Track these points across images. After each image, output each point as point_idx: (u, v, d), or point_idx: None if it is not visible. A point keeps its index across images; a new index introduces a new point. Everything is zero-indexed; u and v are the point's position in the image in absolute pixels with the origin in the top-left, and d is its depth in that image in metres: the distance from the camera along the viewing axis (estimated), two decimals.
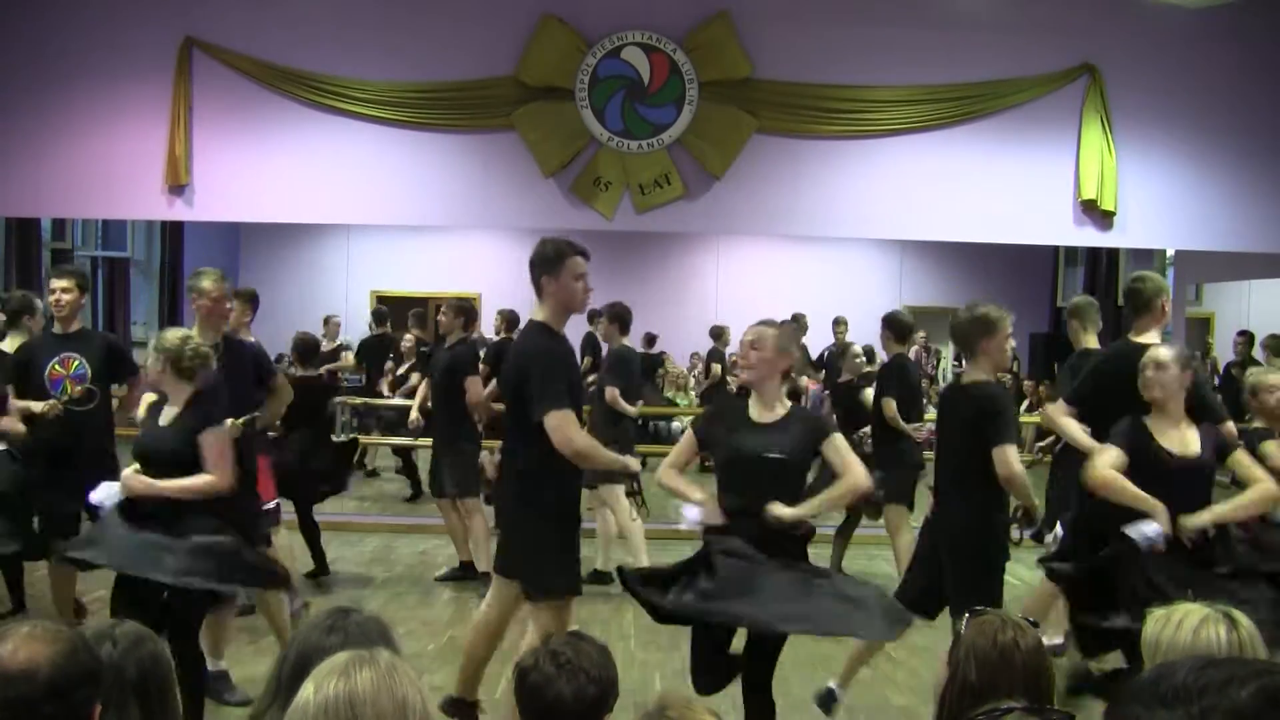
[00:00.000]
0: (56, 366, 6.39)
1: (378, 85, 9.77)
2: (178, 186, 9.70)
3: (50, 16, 9.69)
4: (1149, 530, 4.69)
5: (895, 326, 8.47)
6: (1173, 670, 1.32)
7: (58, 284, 6.59)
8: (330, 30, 9.79)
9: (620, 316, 8.82)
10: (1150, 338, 5.72)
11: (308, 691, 1.76)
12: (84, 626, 2.55)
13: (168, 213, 10.24)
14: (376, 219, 12.01)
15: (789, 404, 4.74)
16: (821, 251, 18.84)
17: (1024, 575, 8.98)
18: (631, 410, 8.65)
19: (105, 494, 5.14)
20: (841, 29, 9.88)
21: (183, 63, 9.67)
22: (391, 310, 15.61)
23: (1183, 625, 2.60)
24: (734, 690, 6.17)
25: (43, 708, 1.93)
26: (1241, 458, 4.86)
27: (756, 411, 4.69)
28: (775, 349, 4.68)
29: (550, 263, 4.91)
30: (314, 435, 8.17)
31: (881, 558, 8.70)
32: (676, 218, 10.12)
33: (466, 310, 8.66)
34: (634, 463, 5.41)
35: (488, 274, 19.21)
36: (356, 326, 17.70)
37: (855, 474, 4.63)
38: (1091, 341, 7.02)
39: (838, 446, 4.67)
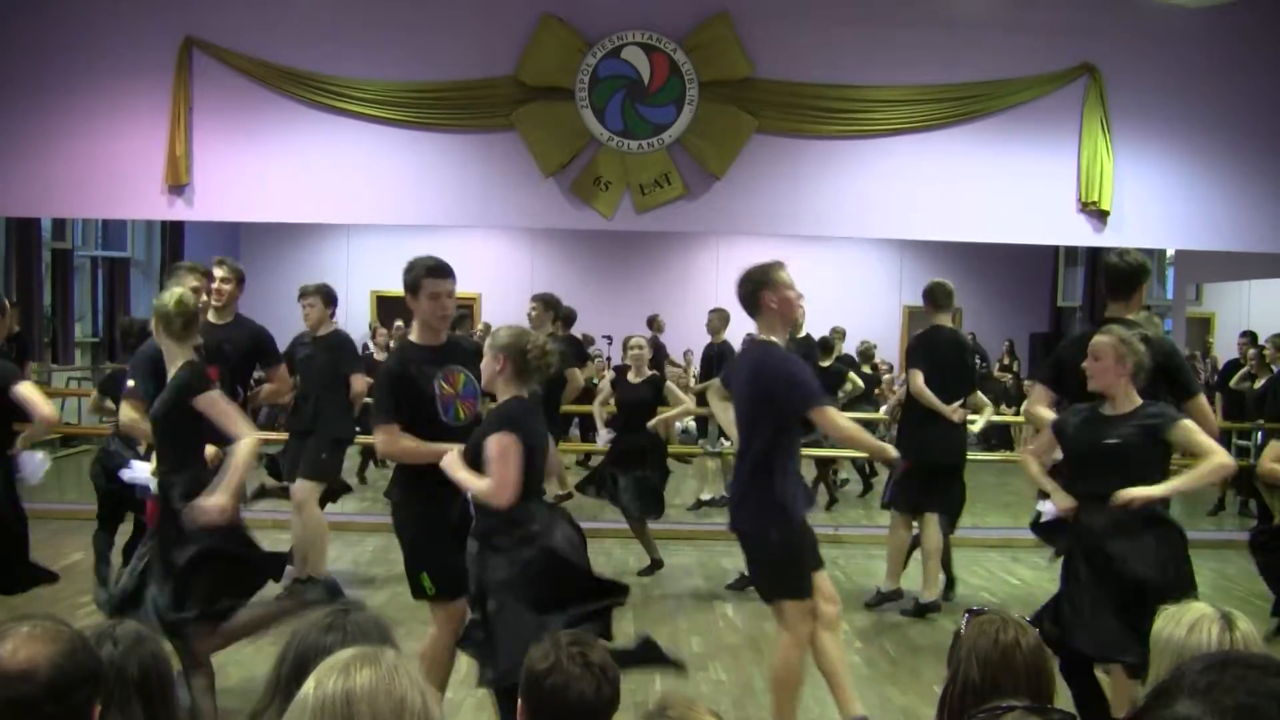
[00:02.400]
0: (444, 385, 5.05)
1: (378, 85, 9.77)
2: (178, 186, 9.71)
3: (50, 16, 9.70)
4: (1044, 507, 5.05)
5: (930, 296, 7.95)
6: (1189, 666, 1.33)
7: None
8: (330, 30, 9.80)
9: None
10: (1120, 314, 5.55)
11: (308, 688, 1.76)
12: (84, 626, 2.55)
13: (168, 213, 10.25)
14: (376, 219, 12.02)
15: (1138, 400, 4.84)
16: (821, 251, 18.82)
17: (1024, 575, 8.99)
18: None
19: (138, 474, 5.32)
20: (841, 29, 9.88)
21: (183, 63, 9.68)
22: (393, 310, 15.62)
23: (1181, 623, 2.61)
24: (734, 690, 6.18)
25: (43, 707, 1.93)
26: (1186, 431, 4.81)
27: (1108, 407, 4.84)
28: (1114, 358, 4.78)
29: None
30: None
31: (882, 557, 8.69)
32: (676, 217, 10.12)
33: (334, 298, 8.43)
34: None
35: (488, 274, 19.21)
36: (357, 326, 17.69)
37: (1217, 456, 4.81)
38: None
39: (1187, 430, 4.78)
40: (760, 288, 5.05)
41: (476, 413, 5.09)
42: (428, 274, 5.08)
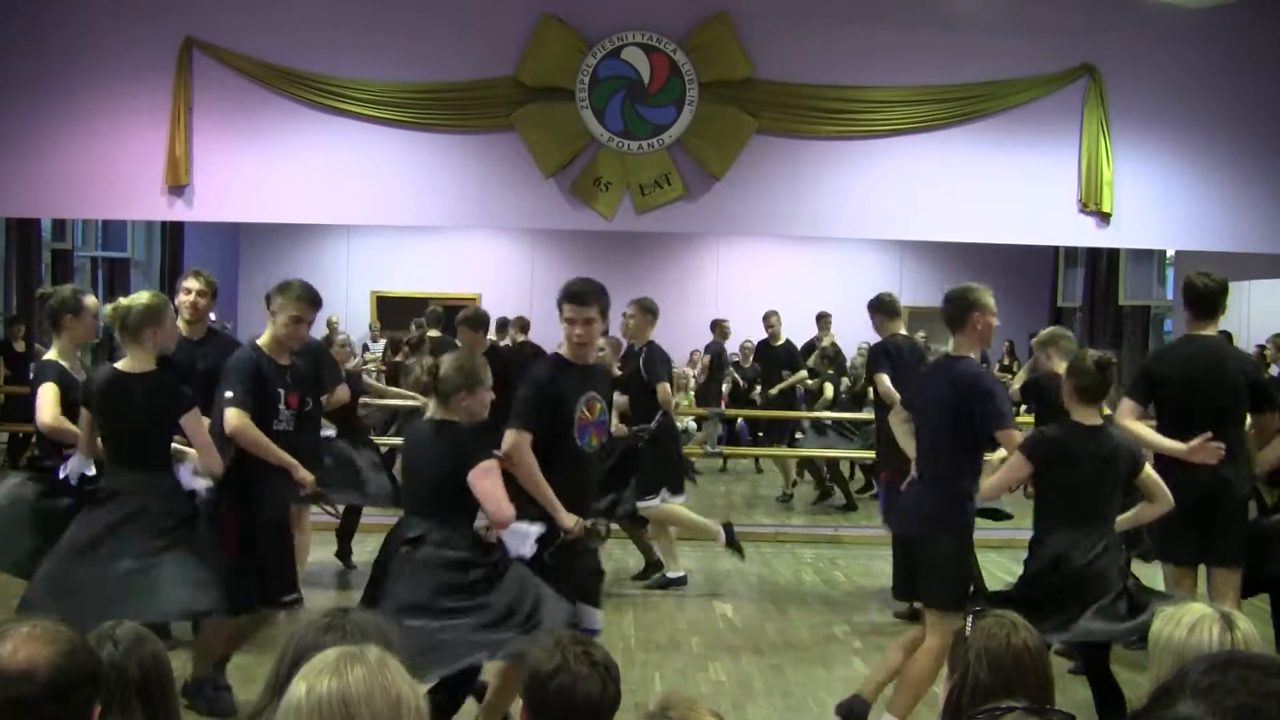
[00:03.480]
0: (585, 410, 4.99)
1: (378, 86, 9.77)
2: (177, 187, 9.70)
3: (50, 17, 9.69)
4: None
5: (884, 307, 8.32)
6: (1192, 667, 1.33)
7: (193, 284, 6.69)
8: (330, 31, 9.80)
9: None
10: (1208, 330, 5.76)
11: (299, 691, 1.74)
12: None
13: (168, 213, 10.25)
14: (376, 219, 12.03)
15: None
16: (821, 252, 18.85)
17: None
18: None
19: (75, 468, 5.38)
20: (841, 29, 9.88)
21: (183, 63, 9.67)
22: (393, 311, 15.62)
23: (1181, 623, 2.61)
24: (734, 691, 6.18)
25: (42, 708, 1.93)
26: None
27: None
28: None
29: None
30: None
31: (881, 557, 8.69)
32: (676, 218, 10.12)
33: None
34: None
35: (488, 274, 19.24)
36: (357, 327, 17.72)
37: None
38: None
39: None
40: (971, 308, 5.24)
41: (602, 443, 5.17)
42: (567, 299, 5.04)
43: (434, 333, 10.67)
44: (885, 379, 7.93)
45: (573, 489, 4.88)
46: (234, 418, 5.18)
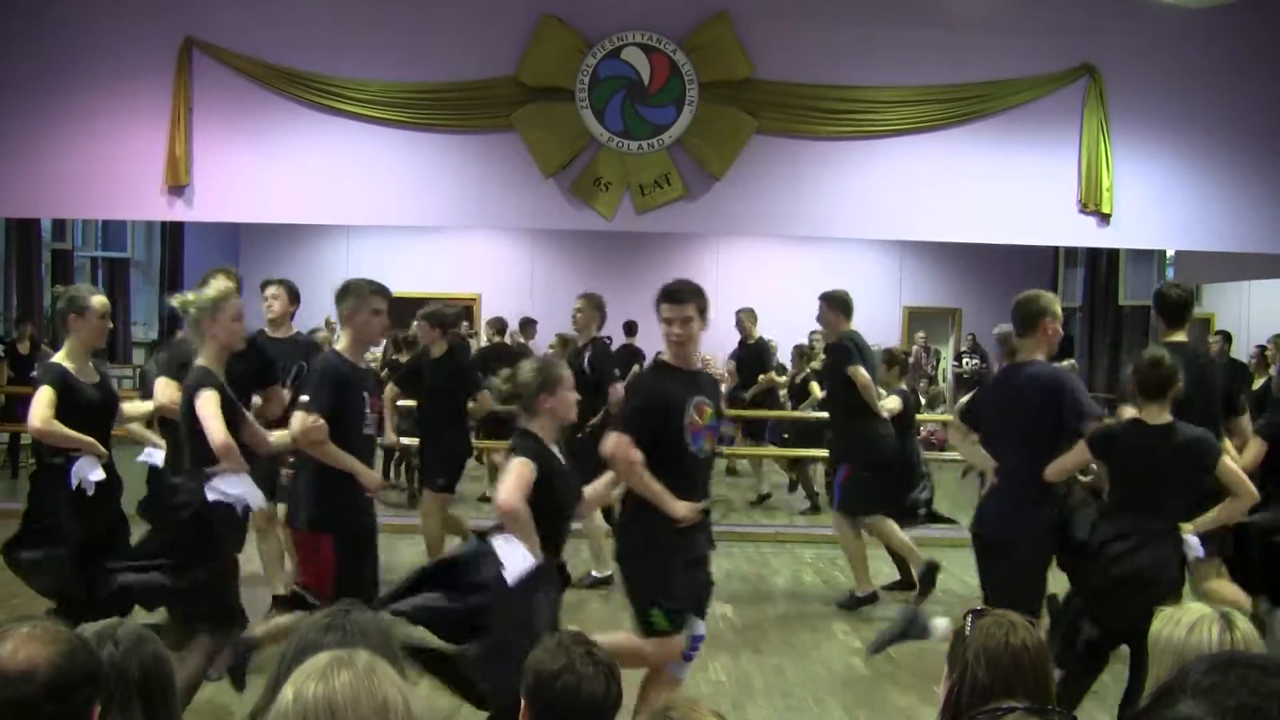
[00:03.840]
0: (695, 415, 4.93)
1: (378, 86, 9.77)
2: (177, 187, 9.70)
3: (50, 17, 9.69)
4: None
5: (842, 305, 8.24)
6: (1192, 667, 1.33)
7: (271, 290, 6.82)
8: (330, 31, 9.80)
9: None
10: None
11: (287, 696, 1.75)
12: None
13: (167, 213, 10.25)
14: (376, 220, 12.03)
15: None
16: (821, 252, 18.84)
17: None
18: None
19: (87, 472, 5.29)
20: (841, 29, 9.88)
21: (183, 63, 9.67)
22: (393, 310, 15.56)
23: (1180, 624, 2.61)
24: (734, 691, 6.18)
25: (42, 708, 1.93)
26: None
27: None
28: None
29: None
30: None
31: (879, 557, 8.69)
32: (676, 218, 10.12)
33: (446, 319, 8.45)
34: None
35: (488, 275, 19.23)
36: None
37: None
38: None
39: None
40: (1043, 314, 5.40)
41: (715, 448, 5.15)
42: (664, 298, 5.02)
43: (500, 339, 10.81)
44: (864, 372, 7.92)
45: (685, 494, 4.84)
46: (300, 418, 5.10)
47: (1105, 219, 9.90)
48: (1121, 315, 17.92)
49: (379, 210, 10.34)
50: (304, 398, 5.14)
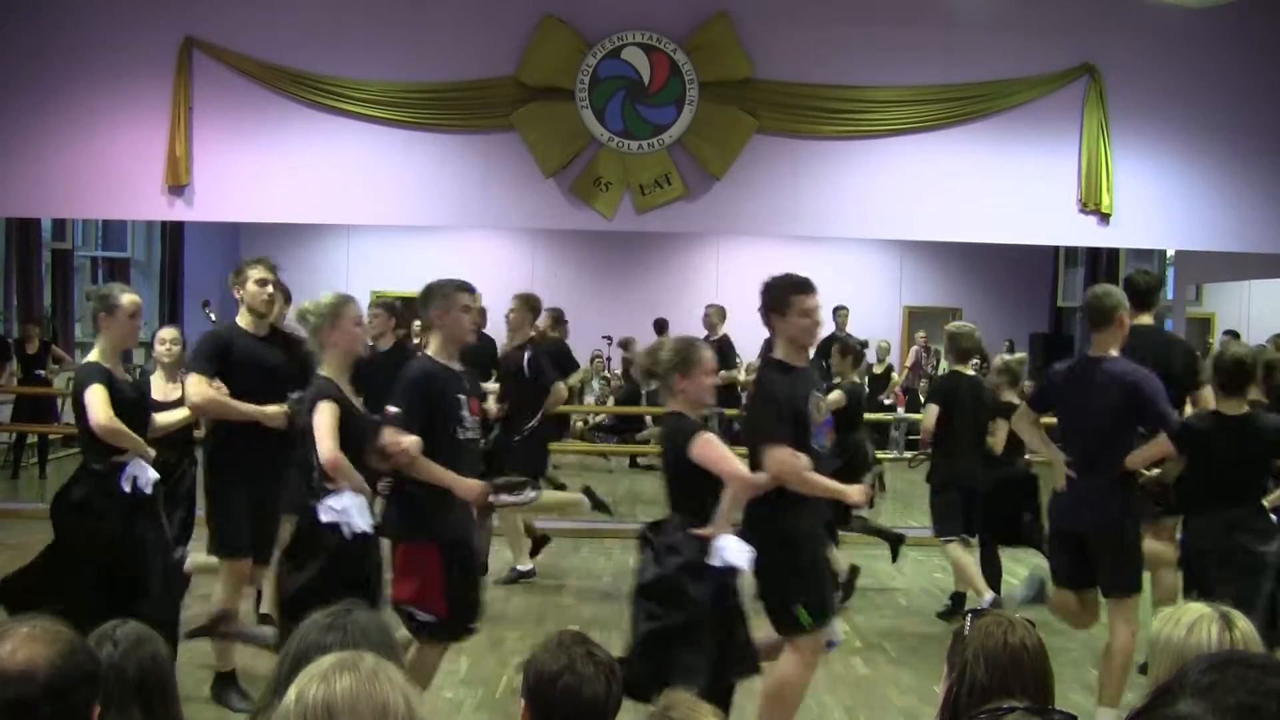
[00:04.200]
0: (815, 411, 4.96)
1: (378, 85, 9.77)
2: (178, 187, 9.70)
3: (50, 16, 9.69)
4: None
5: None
6: (1191, 666, 1.33)
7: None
8: (331, 30, 9.80)
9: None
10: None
11: (290, 696, 1.76)
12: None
13: (168, 213, 10.25)
14: (377, 219, 12.03)
15: None
16: (822, 252, 18.80)
17: (1024, 575, 8.98)
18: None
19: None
20: (841, 29, 9.88)
21: (183, 63, 9.67)
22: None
23: (1180, 623, 2.61)
24: (736, 690, 6.17)
25: (41, 708, 1.93)
26: None
27: None
28: None
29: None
30: None
31: (882, 558, 8.69)
32: (677, 218, 10.12)
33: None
34: None
35: (488, 275, 19.15)
36: None
37: None
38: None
39: None
40: (1119, 307, 5.51)
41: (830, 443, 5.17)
42: (796, 290, 5.05)
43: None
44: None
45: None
46: (391, 434, 4.85)
47: (1105, 219, 9.90)
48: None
49: (379, 210, 10.34)
50: (394, 410, 4.86)
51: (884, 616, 7.89)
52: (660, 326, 14.35)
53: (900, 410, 15.18)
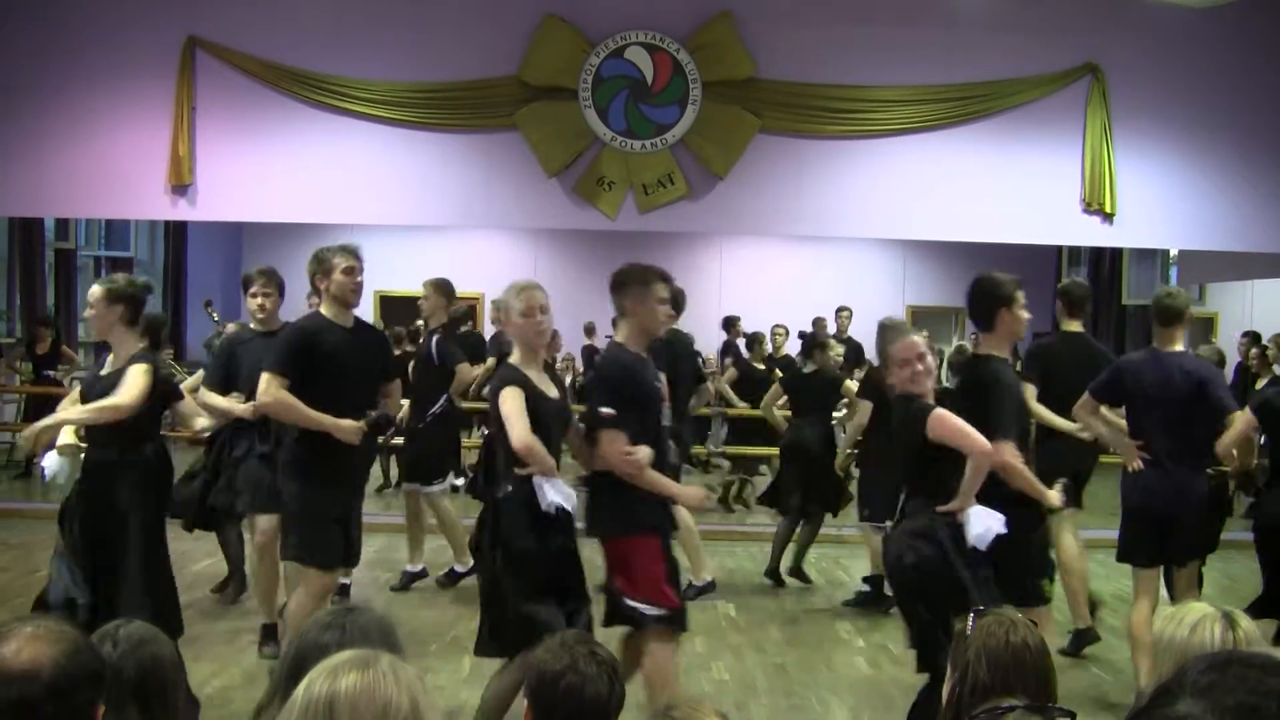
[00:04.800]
0: None
1: (381, 85, 9.78)
2: (181, 186, 9.72)
3: (53, 16, 9.70)
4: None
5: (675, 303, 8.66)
6: (1191, 666, 1.33)
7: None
8: (333, 30, 9.81)
9: None
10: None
11: (299, 690, 1.76)
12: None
13: (171, 213, 10.26)
14: (379, 219, 12.02)
15: None
16: (824, 251, 18.82)
17: None
18: None
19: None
20: (844, 29, 9.88)
21: (186, 62, 9.69)
22: (396, 310, 15.61)
23: (1183, 623, 2.61)
24: (737, 690, 6.18)
25: (45, 708, 1.93)
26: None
27: None
28: None
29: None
30: None
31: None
32: (680, 217, 10.12)
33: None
34: None
35: (490, 274, 19.15)
36: None
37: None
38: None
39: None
40: (1187, 308, 5.93)
41: None
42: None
43: (465, 327, 10.94)
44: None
45: None
46: (613, 442, 4.72)
47: (1108, 218, 9.90)
48: (1125, 314, 17.90)
49: (382, 209, 10.35)
50: (608, 410, 4.73)
51: (887, 616, 7.89)
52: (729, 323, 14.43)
53: None
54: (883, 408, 7.70)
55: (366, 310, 19.29)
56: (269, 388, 5.28)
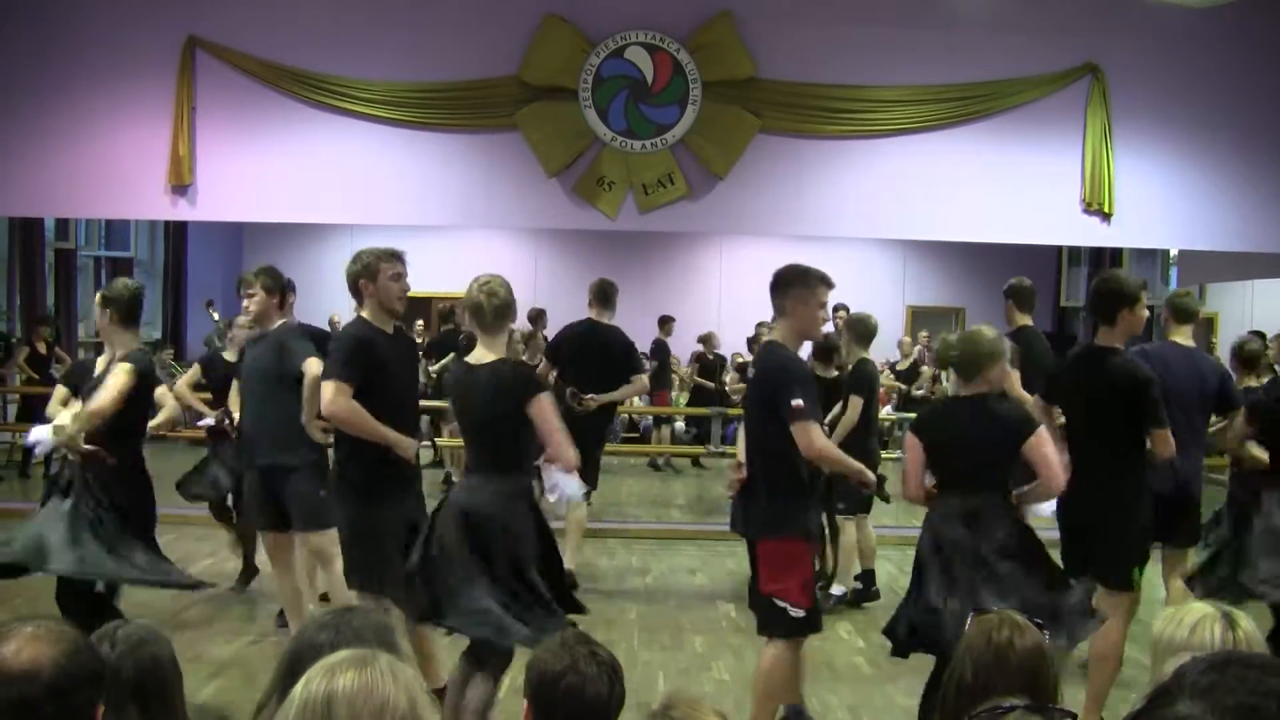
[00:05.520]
0: None
1: (381, 85, 9.78)
2: (181, 186, 9.71)
3: (53, 16, 9.70)
4: None
5: (603, 294, 8.87)
6: (1190, 667, 1.33)
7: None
8: (333, 30, 9.80)
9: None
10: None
11: (297, 688, 1.76)
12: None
13: (171, 213, 10.25)
14: (379, 219, 12.00)
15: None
16: (824, 252, 18.73)
17: None
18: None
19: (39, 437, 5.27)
20: (844, 29, 9.87)
21: (186, 62, 9.69)
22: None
23: (1183, 623, 2.61)
24: (738, 690, 6.18)
25: (45, 708, 1.93)
26: None
27: None
28: None
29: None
30: None
31: (885, 558, 8.69)
32: (680, 218, 10.12)
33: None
34: None
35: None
36: None
37: None
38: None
39: None
40: (1198, 309, 6.23)
41: None
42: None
43: (447, 326, 10.88)
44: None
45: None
46: (815, 434, 4.84)
47: (1108, 218, 9.90)
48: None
49: (382, 210, 10.34)
50: (800, 402, 4.80)
51: (887, 615, 7.88)
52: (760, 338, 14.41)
53: (888, 409, 15.16)
54: (870, 404, 7.82)
55: None
56: (337, 396, 5.08)
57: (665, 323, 15.70)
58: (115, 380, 5.19)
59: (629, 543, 9.97)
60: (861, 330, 7.99)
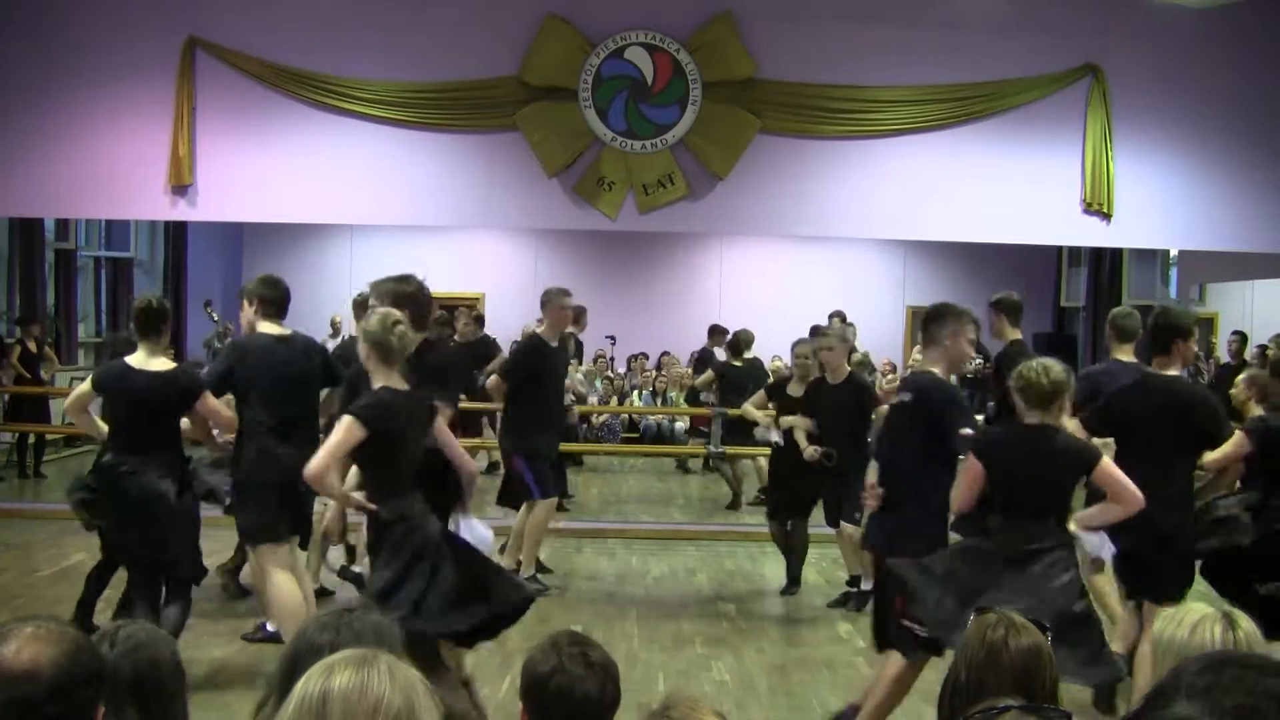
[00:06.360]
0: None
1: (381, 85, 9.78)
2: (181, 187, 9.71)
3: (53, 16, 9.71)
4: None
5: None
6: (1186, 668, 1.33)
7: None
8: (334, 30, 9.81)
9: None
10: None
11: (295, 688, 1.76)
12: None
13: (171, 213, 10.26)
14: (380, 219, 12.04)
15: None
16: (825, 252, 18.83)
17: None
18: None
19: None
20: (845, 29, 9.87)
21: (186, 62, 9.69)
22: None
23: (1183, 623, 2.61)
24: (738, 690, 6.19)
25: (45, 708, 1.93)
26: None
27: None
28: None
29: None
30: None
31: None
32: (680, 218, 10.12)
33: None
34: None
35: (490, 275, 19.20)
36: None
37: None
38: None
39: None
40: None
41: None
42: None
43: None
44: None
45: None
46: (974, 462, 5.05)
47: (1108, 219, 9.90)
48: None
49: (382, 210, 10.35)
50: (968, 432, 5.11)
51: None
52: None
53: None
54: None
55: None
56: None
57: (715, 333, 14.68)
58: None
59: (629, 543, 9.98)
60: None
